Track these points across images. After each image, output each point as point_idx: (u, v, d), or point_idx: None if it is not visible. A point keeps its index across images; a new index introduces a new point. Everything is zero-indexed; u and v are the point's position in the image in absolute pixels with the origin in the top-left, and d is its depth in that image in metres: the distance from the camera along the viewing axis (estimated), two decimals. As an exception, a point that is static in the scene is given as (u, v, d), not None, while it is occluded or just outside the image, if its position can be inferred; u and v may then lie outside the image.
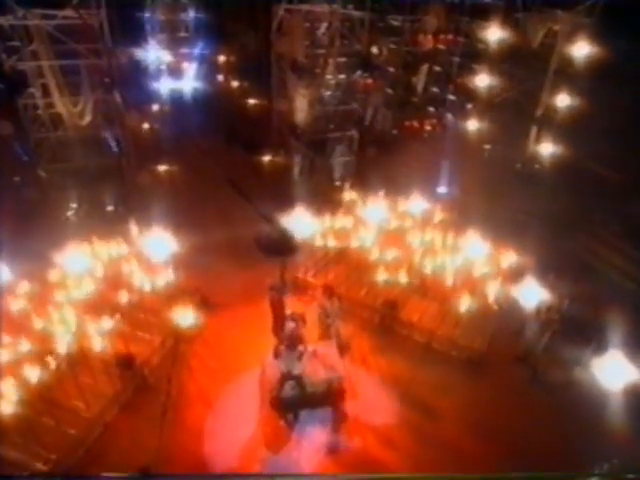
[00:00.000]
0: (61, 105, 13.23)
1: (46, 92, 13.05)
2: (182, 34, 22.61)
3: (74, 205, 14.03)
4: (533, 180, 16.19)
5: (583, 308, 10.92)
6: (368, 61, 14.34)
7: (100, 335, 8.80)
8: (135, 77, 14.72)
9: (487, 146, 18.37)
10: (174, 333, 10.14)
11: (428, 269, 11.04)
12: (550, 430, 8.93)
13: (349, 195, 13.14)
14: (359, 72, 14.72)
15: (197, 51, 22.23)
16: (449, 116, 19.65)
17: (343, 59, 14.64)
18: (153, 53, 21.07)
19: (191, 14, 21.28)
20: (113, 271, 10.75)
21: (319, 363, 9.52)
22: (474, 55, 17.72)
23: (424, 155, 17.42)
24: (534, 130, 17.12)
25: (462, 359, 10.31)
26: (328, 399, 9.24)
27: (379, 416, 9.21)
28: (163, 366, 9.91)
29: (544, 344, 10.33)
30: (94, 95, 13.00)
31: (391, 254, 11.23)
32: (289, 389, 9.00)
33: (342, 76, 15.12)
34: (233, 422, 9.04)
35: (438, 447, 8.65)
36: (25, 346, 8.57)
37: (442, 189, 15.44)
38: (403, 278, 10.91)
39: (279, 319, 9.60)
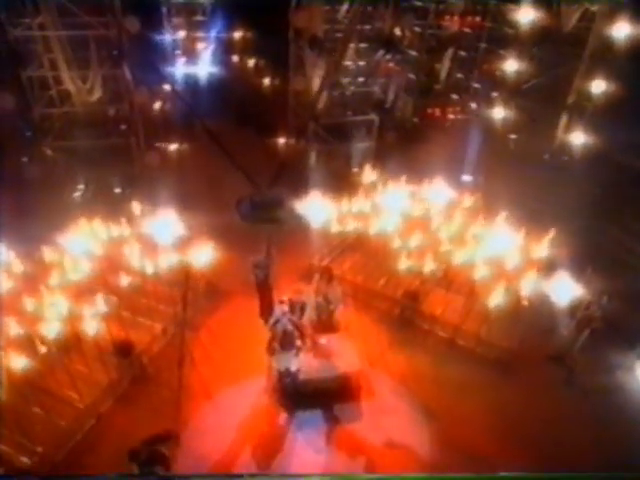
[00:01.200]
0: (69, 81, 12.53)
1: (53, 66, 12.41)
2: (199, 17, 21.98)
3: (81, 186, 13.41)
4: (562, 171, 15.20)
5: (623, 306, 9.99)
6: (391, 41, 13.37)
7: (95, 319, 8.01)
8: (147, 54, 13.97)
9: (513, 136, 17.41)
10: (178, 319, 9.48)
11: (454, 259, 10.11)
12: (584, 438, 7.91)
13: (369, 177, 12.11)
14: (381, 53, 13.78)
15: (213, 34, 21.52)
16: (473, 105, 18.72)
17: (364, 38, 13.66)
18: (169, 36, 20.43)
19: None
20: (113, 252, 9.93)
21: (332, 357, 8.77)
22: (502, 39, 16.74)
23: (446, 144, 16.45)
24: (564, 118, 16.09)
25: (489, 358, 9.25)
26: (342, 396, 8.38)
27: (397, 417, 8.25)
28: (164, 356, 9.08)
29: (581, 344, 9.28)
30: (103, 70, 12.29)
31: (414, 241, 10.23)
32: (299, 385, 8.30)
33: (363, 59, 14.17)
34: (234, 417, 8.12)
35: (460, 453, 7.62)
36: (14, 329, 7.74)
37: (466, 177, 14.44)
38: (426, 267, 9.98)
39: (265, 303, 8.46)
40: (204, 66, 21.15)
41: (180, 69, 20.63)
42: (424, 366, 9.24)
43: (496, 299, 9.28)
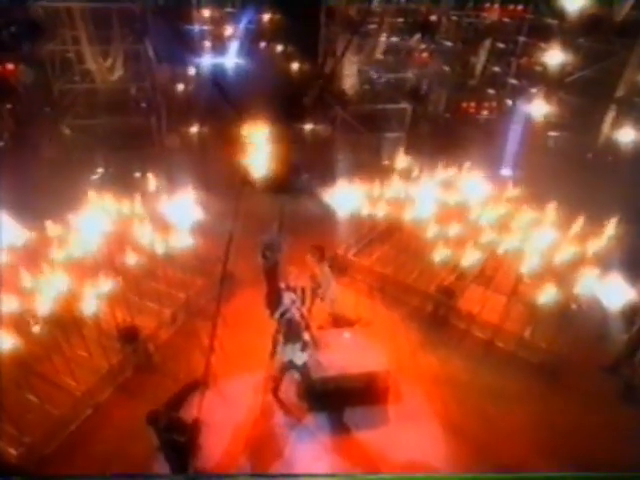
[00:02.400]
0: (90, 57, 11.99)
1: (75, 42, 11.84)
2: (228, 9, 21.51)
3: (99, 169, 12.82)
4: (606, 171, 13.95)
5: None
6: (428, 24, 12.43)
7: (97, 299, 7.17)
8: (172, 34, 13.37)
9: (553, 133, 16.22)
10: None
11: (495, 251, 9.04)
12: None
13: (402, 163, 11.03)
14: (417, 36, 12.83)
15: (242, 26, 20.99)
16: (509, 102, 17.58)
17: (400, 20, 12.76)
18: (197, 27, 20.00)
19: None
20: (124, 230, 9.05)
21: (356, 353, 7.78)
22: (544, 30, 15.60)
23: (482, 139, 15.35)
24: (611, 114, 14.88)
25: (534, 363, 8.04)
26: (365, 398, 7.31)
27: (428, 424, 7.15)
28: (172, 344, 8.21)
29: (641, 353, 8.16)
30: (124, 45, 11.70)
31: (451, 229, 9.11)
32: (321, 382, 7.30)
33: (397, 44, 13.21)
34: (240, 412, 7.19)
35: (498, 469, 6.55)
36: (7, 305, 6.88)
37: (506, 171, 13.31)
38: (464, 260, 8.95)
39: (273, 291, 7.18)
40: (232, 57, 20.69)
41: (207, 60, 20.24)
42: (459, 370, 8.13)
43: (544, 297, 8.24)
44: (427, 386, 7.85)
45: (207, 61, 20.39)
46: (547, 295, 8.17)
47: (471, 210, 9.84)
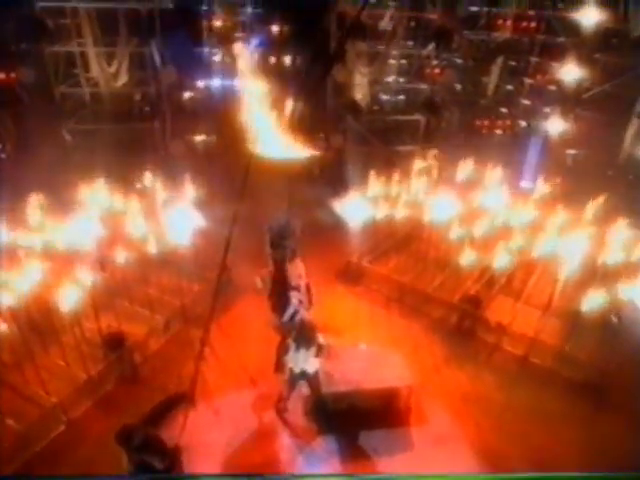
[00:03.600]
0: (95, 62, 11.49)
1: (80, 43, 11.27)
2: (238, 34, 21.46)
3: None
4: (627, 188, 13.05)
5: None
6: (443, 33, 11.87)
7: (77, 296, 6.30)
8: (182, 41, 12.89)
9: (571, 151, 15.47)
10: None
11: (527, 255, 8.02)
12: None
13: (424, 160, 10.18)
14: (432, 45, 12.25)
15: (252, 48, 20.86)
16: (523, 123, 16.95)
17: (414, 29, 12.19)
18: (207, 49, 19.86)
19: (249, 10, 19.96)
20: (115, 225, 8.04)
21: (374, 366, 6.69)
22: (558, 45, 15.14)
23: (498, 154, 14.53)
24: (632, 130, 14.16)
25: (576, 381, 6.86)
26: (384, 418, 6.20)
27: (457, 449, 5.96)
28: (162, 355, 7.09)
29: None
30: (129, 48, 11.13)
31: (477, 230, 8.11)
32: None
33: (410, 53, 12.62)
34: (235, 432, 6.01)
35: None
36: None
37: (526, 183, 12.42)
38: (492, 265, 7.95)
39: (281, 289, 6.32)
40: (241, 79, 20.46)
41: (217, 81, 20.00)
42: (491, 388, 6.96)
43: (586, 306, 7.20)
44: (455, 405, 6.68)
45: (217, 82, 20.27)
46: (589, 304, 7.21)
47: (498, 210, 8.91)
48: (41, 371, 6.12)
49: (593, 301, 7.13)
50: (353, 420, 6.21)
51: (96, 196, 8.44)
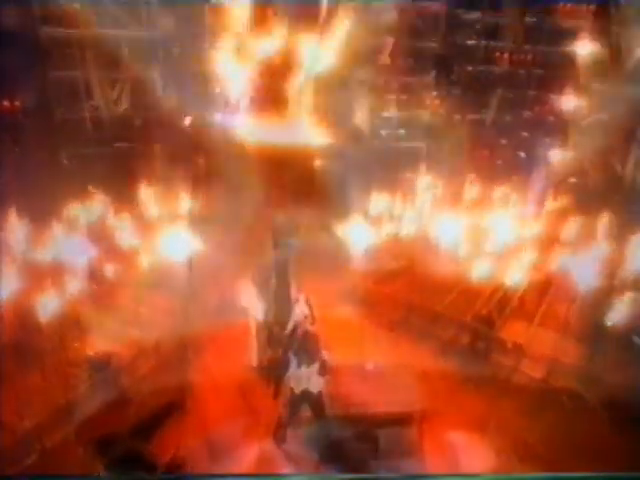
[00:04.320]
0: (97, 88, 11.47)
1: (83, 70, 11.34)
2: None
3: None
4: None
5: None
6: (444, 60, 11.81)
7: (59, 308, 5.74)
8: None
9: (572, 180, 15.23)
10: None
11: (545, 269, 7.52)
12: None
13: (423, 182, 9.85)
14: (433, 74, 12.20)
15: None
16: (522, 154, 16.83)
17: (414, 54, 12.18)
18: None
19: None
20: (107, 239, 7.68)
21: (382, 388, 6.09)
22: (556, 77, 15.24)
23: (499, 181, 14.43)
24: (634, 154, 13.96)
25: (600, 404, 6.09)
26: (397, 445, 5.47)
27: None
28: (152, 379, 6.32)
29: None
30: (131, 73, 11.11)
31: (488, 245, 7.74)
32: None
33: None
34: (231, 466, 5.24)
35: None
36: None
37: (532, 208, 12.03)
38: (506, 282, 7.43)
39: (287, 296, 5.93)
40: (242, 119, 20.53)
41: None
42: (513, 414, 6.39)
43: (607, 324, 6.65)
44: (474, 432, 6.08)
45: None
46: (609, 322, 6.67)
47: (507, 227, 8.52)
48: (19, 392, 5.55)
49: (613, 319, 6.67)
50: (359, 448, 5.57)
51: (88, 211, 8.09)
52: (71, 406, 5.77)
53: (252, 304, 6.12)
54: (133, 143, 11.50)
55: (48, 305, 5.64)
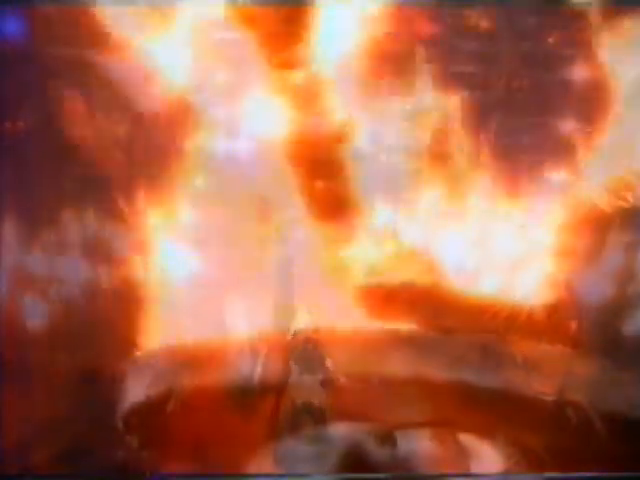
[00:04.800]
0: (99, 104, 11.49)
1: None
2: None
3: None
4: None
5: None
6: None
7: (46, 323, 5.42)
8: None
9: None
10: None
11: (555, 282, 7.22)
12: None
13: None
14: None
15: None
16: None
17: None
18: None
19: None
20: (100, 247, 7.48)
21: (391, 401, 5.75)
22: (554, 103, 15.40)
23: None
24: None
25: (620, 422, 6.08)
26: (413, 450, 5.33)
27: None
28: (146, 389, 6.37)
29: None
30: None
31: (497, 254, 7.44)
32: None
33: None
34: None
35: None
36: None
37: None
38: (515, 294, 7.09)
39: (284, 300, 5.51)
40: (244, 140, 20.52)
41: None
42: (523, 431, 6.07)
43: (623, 335, 6.36)
44: (484, 454, 5.73)
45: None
46: (625, 333, 6.39)
47: (517, 237, 8.26)
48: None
49: (626, 333, 6.41)
50: (367, 469, 5.21)
51: (85, 226, 7.92)
52: (56, 423, 5.43)
53: (251, 312, 5.90)
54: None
55: (38, 315, 5.43)
